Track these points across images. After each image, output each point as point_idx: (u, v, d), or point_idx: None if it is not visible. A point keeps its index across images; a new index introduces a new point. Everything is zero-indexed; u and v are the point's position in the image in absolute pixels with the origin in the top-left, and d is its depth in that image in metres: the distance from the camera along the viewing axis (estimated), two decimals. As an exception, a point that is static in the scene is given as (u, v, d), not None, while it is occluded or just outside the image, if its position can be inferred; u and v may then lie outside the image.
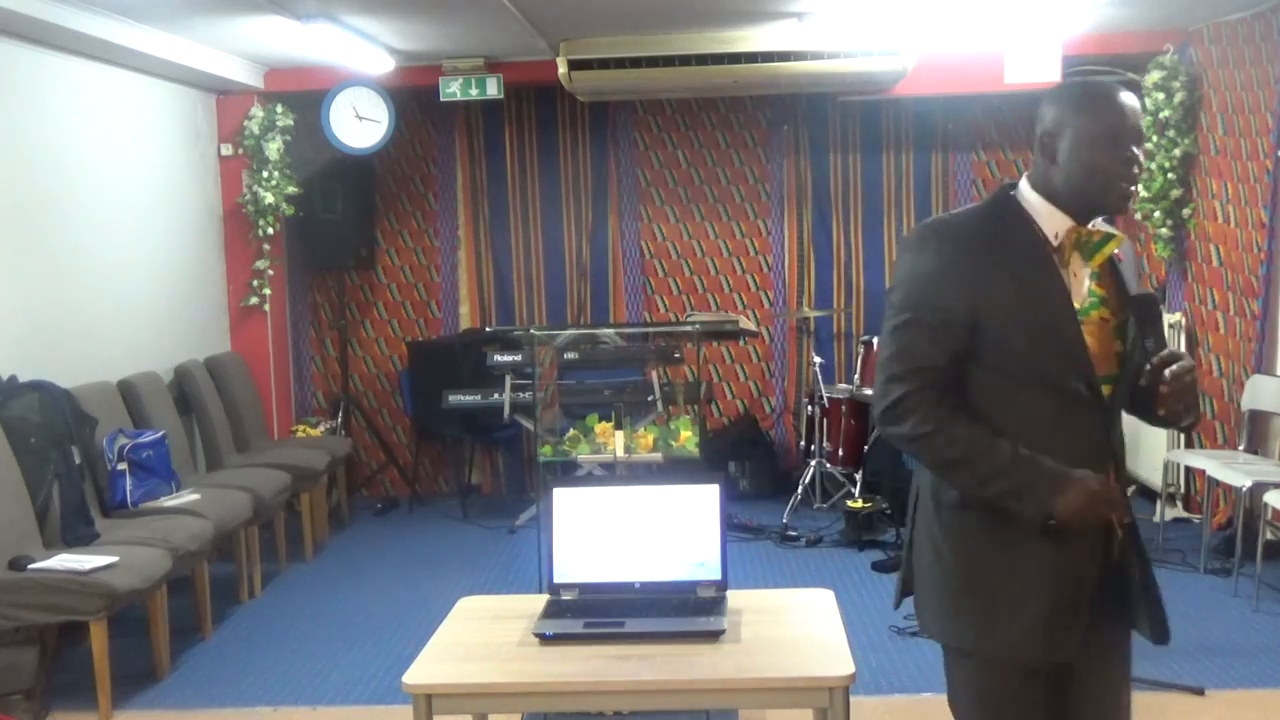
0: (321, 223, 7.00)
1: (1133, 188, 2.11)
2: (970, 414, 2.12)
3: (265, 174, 6.63)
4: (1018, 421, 2.11)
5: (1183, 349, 2.10)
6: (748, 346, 7.43)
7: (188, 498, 4.99)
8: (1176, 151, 6.11)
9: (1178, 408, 2.11)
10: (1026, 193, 2.17)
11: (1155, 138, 6.17)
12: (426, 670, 2.65)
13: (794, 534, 6.09)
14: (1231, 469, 5.10)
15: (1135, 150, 2.09)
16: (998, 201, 2.19)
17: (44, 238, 5.06)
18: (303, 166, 6.87)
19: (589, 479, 5.23)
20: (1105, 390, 2.15)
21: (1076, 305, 2.13)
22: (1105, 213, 2.18)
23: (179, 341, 6.15)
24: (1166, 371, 2.07)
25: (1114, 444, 2.21)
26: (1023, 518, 2.08)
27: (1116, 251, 2.19)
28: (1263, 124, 5.48)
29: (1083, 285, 2.15)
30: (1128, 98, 2.11)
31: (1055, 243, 2.13)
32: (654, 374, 6.07)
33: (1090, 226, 2.16)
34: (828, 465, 6.57)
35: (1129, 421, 2.29)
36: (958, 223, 2.17)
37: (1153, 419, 2.25)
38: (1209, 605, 4.90)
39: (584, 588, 2.95)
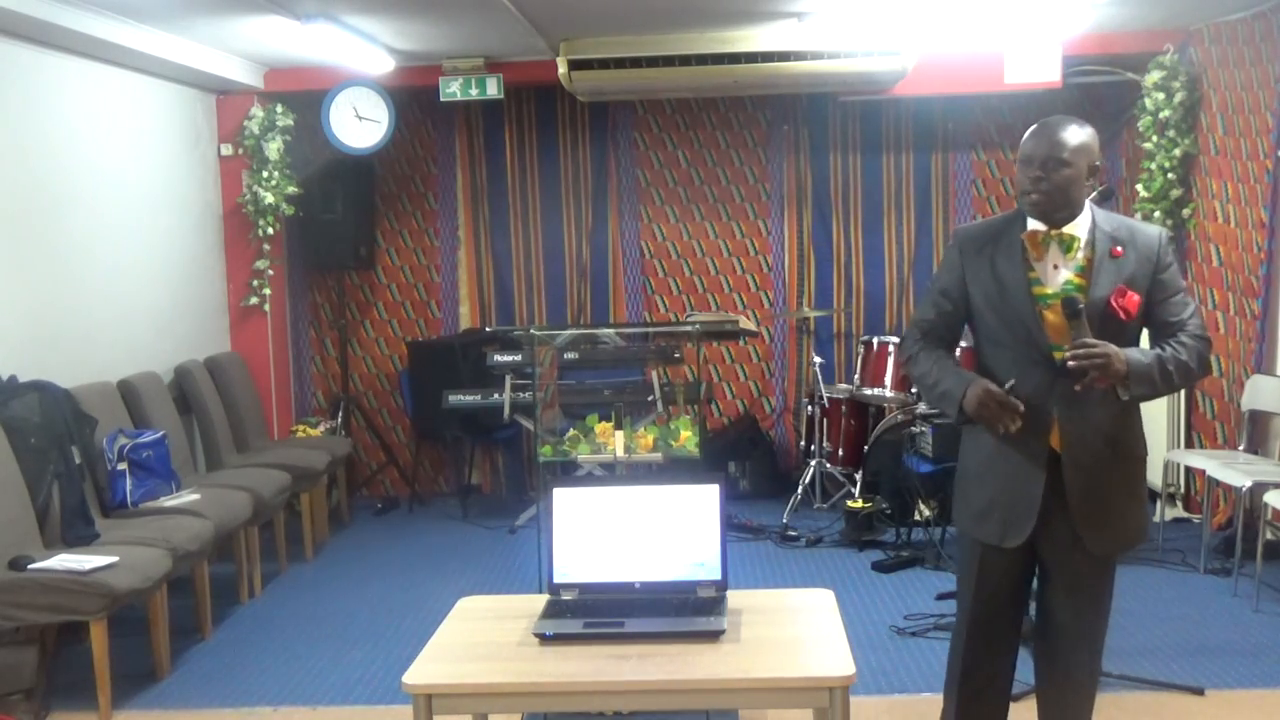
0: (321, 223, 7.00)
1: (1036, 196, 2.76)
2: (946, 352, 2.96)
3: (265, 174, 6.63)
4: (992, 367, 2.90)
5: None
6: (748, 346, 7.43)
7: (188, 498, 4.99)
8: (1176, 151, 6.11)
9: (1087, 380, 2.71)
10: None
11: (1155, 138, 6.17)
12: (426, 670, 2.65)
13: (794, 534, 6.09)
14: (1231, 469, 5.10)
15: (1038, 170, 2.74)
16: (1013, 213, 2.91)
17: (44, 238, 5.06)
18: (303, 166, 6.88)
19: (589, 479, 5.23)
20: (1057, 356, 2.78)
21: (1050, 290, 2.81)
22: (1037, 219, 2.82)
23: (179, 341, 6.15)
24: (1067, 353, 2.72)
25: (1065, 397, 2.79)
26: (951, 414, 2.87)
27: (1117, 249, 2.79)
28: (1263, 124, 5.48)
29: (1059, 274, 2.81)
30: (1048, 126, 2.77)
31: (1026, 242, 2.81)
32: (654, 374, 6.07)
33: (1064, 229, 2.80)
34: (828, 465, 6.57)
35: None
36: (969, 229, 2.99)
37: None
38: (1209, 605, 4.90)
39: (584, 588, 2.96)
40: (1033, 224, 2.83)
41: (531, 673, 2.62)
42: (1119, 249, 2.78)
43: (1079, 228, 2.81)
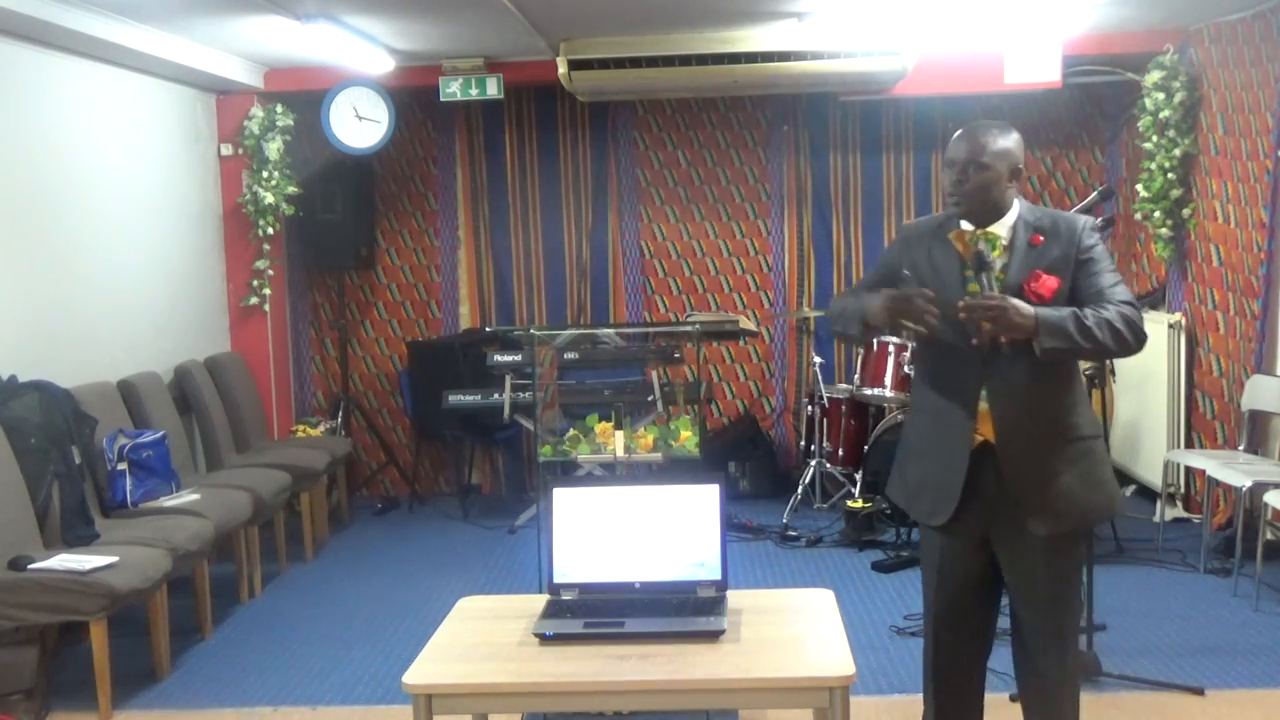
0: (321, 223, 7.00)
1: (956, 199, 2.92)
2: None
3: (265, 174, 6.63)
4: (928, 351, 3.02)
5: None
6: (748, 346, 7.43)
7: (188, 498, 4.99)
8: (1176, 151, 6.11)
9: (989, 329, 2.77)
10: None
11: (1155, 138, 6.17)
12: (426, 670, 2.65)
13: (794, 534, 6.09)
14: (1231, 469, 5.10)
15: (957, 174, 2.89)
16: (950, 211, 3.03)
17: (44, 238, 5.06)
18: (303, 166, 6.87)
19: (589, 479, 5.23)
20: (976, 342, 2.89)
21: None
22: (967, 220, 2.95)
23: (179, 341, 6.15)
24: (961, 305, 2.80)
25: (995, 386, 2.87)
26: (854, 329, 2.99)
27: (1037, 237, 2.89)
28: (1263, 124, 5.48)
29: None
30: (968, 131, 2.91)
31: (954, 240, 2.95)
32: (654, 374, 6.07)
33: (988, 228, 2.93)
34: (828, 465, 6.57)
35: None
36: (911, 225, 3.17)
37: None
38: (1209, 605, 4.90)
39: (584, 588, 2.96)
40: (965, 223, 2.95)
41: (531, 673, 2.62)
42: (1039, 237, 2.88)
43: (1003, 226, 2.92)
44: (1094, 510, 3.00)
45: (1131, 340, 2.81)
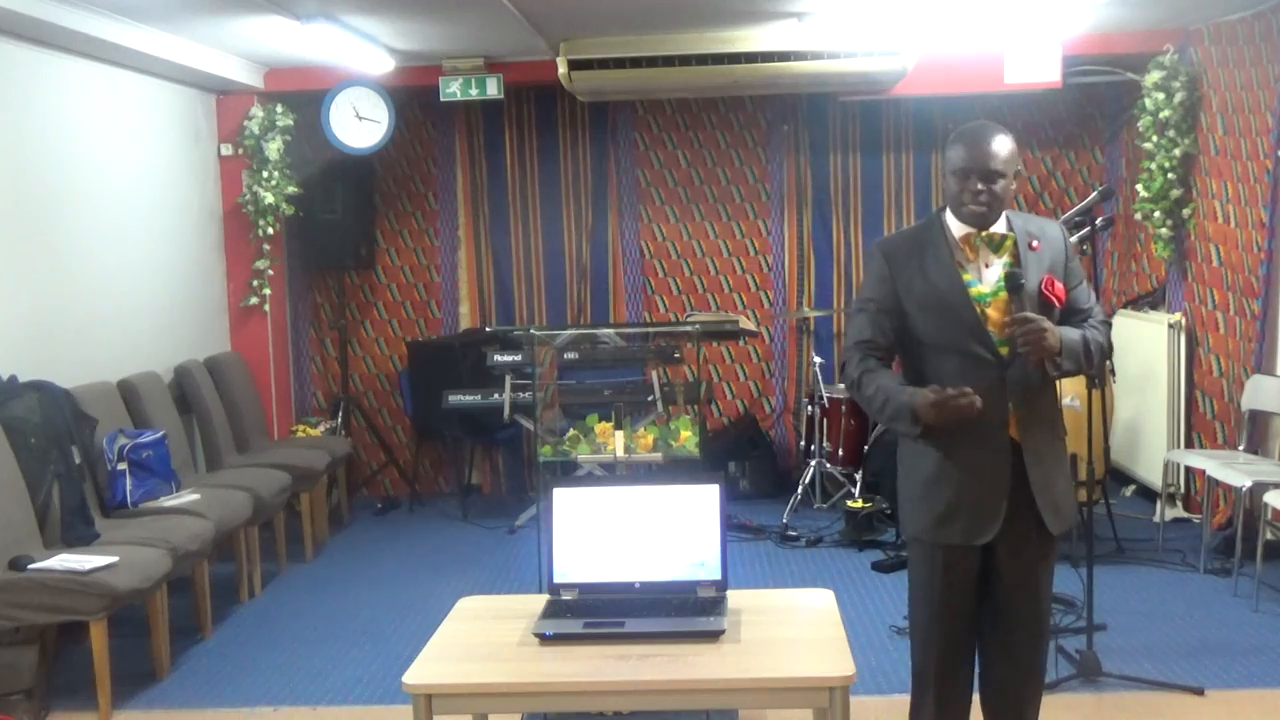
0: (321, 223, 7.00)
1: (979, 208, 2.84)
2: (886, 369, 2.93)
3: (265, 174, 6.63)
4: (935, 376, 2.87)
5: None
6: (748, 346, 7.43)
7: (188, 498, 4.99)
8: (1176, 151, 6.11)
9: (1024, 350, 2.79)
10: (946, 211, 2.95)
11: (1155, 138, 6.17)
12: (426, 670, 2.65)
13: (794, 534, 6.09)
14: (1231, 469, 5.10)
15: (978, 183, 2.81)
16: (928, 220, 3.00)
17: (44, 238, 5.06)
18: (303, 166, 6.87)
19: (589, 479, 5.23)
20: (1004, 351, 2.87)
21: (987, 290, 2.88)
22: (968, 224, 2.89)
23: (179, 341, 6.15)
24: (1007, 324, 2.80)
25: (1015, 390, 2.86)
26: (905, 429, 2.85)
27: (1035, 243, 2.89)
28: (1263, 124, 5.48)
29: (992, 272, 2.89)
30: (979, 138, 2.84)
31: (961, 246, 2.88)
32: (654, 374, 6.06)
33: (994, 230, 2.88)
34: (828, 465, 6.57)
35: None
36: (891, 241, 3.06)
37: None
38: (1209, 605, 4.90)
39: (584, 588, 2.96)
40: (957, 229, 2.92)
41: (531, 673, 2.62)
42: (1036, 243, 2.91)
43: (1002, 226, 2.93)
44: (1073, 507, 3.08)
45: (1104, 361, 3.02)
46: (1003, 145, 2.86)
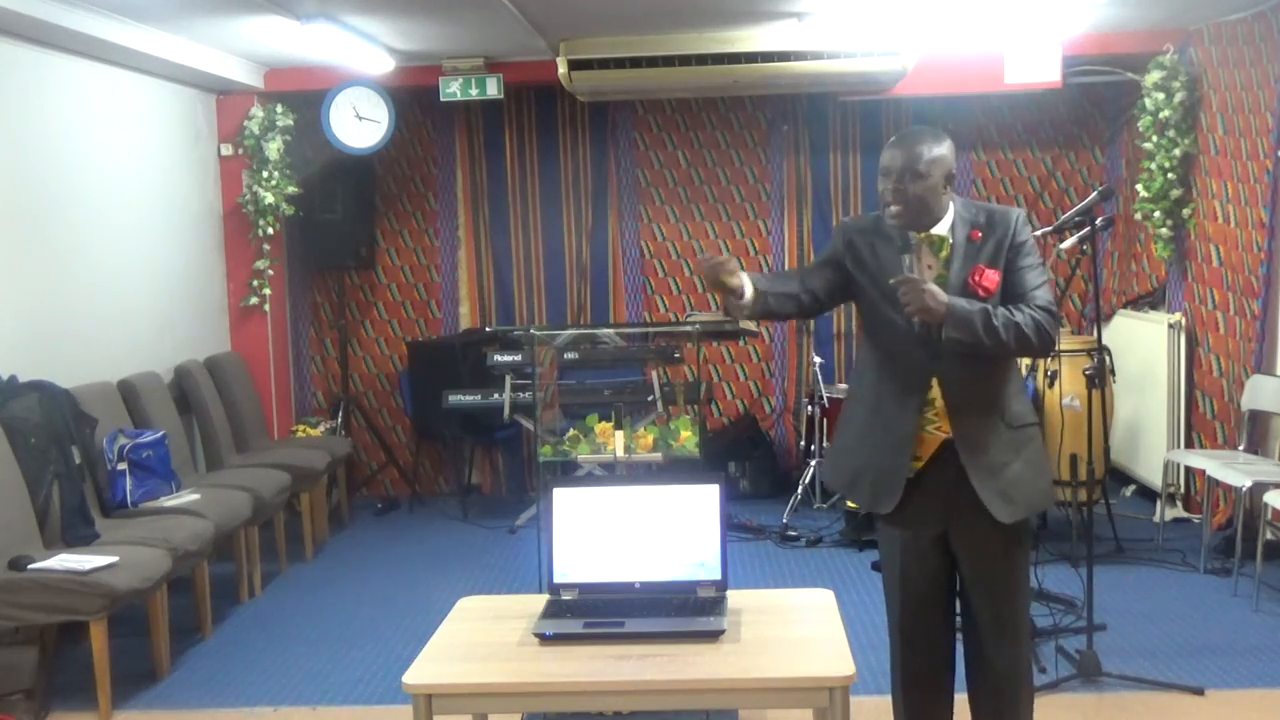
0: (321, 223, 7.00)
1: (888, 207, 2.93)
2: (795, 292, 3.08)
3: (265, 174, 6.63)
4: (876, 339, 3.05)
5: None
6: (748, 346, 7.43)
7: (188, 498, 4.99)
8: (1176, 151, 6.11)
9: (907, 309, 2.84)
10: None
11: (1155, 138, 6.17)
12: (426, 670, 2.65)
13: (794, 534, 6.09)
14: (1231, 469, 5.10)
15: (889, 184, 2.92)
16: (882, 213, 3.08)
17: (44, 238, 5.06)
18: (303, 166, 6.87)
19: (589, 479, 5.23)
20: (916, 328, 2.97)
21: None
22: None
23: (179, 341, 6.15)
24: (893, 281, 2.89)
25: (948, 374, 2.92)
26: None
27: (975, 233, 2.95)
28: (1263, 124, 5.48)
29: (932, 271, 2.97)
30: (895, 141, 2.94)
31: (910, 242, 2.94)
32: (654, 374, 6.06)
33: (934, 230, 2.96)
34: (828, 465, 6.56)
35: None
36: (851, 221, 3.24)
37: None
38: (1209, 605, 4.90)
39: (584, 588, 2.96)
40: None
41: (531, 673, 2.62)
42: (977, 233, 2.94)
43: (943, 227, 2.96)
44: (1040, 495, 3.04)
45: (1037, 346, 2.89)
46: (928, 148, 2.88)
